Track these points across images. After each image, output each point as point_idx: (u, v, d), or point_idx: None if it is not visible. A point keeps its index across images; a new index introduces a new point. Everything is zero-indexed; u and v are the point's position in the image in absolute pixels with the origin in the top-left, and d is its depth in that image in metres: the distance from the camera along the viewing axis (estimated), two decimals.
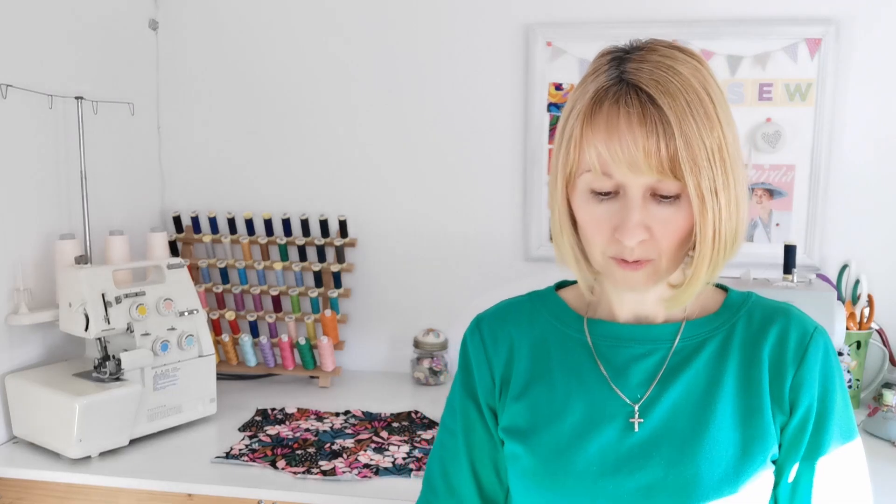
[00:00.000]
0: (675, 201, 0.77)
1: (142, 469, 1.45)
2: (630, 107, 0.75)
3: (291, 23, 2.05)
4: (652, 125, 0.74)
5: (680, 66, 0.76)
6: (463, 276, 2.04)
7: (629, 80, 0.76)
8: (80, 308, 1.53)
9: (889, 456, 1.49)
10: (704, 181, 0.75)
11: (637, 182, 0.76)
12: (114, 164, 1.94)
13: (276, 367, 2.00)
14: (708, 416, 0.81)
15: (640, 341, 0.86)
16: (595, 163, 0.77)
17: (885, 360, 1.82)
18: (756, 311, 0.86)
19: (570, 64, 1.91)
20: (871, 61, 1.79)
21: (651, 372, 0.84)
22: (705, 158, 0.75)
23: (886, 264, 1.83)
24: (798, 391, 0.81)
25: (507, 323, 0.93)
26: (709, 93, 0.77)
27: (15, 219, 1.62)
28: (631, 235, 0.76)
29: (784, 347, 0.83)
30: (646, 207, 0.76)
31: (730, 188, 0.77)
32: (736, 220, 0.79)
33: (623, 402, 0.84)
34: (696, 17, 1.85)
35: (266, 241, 2.05)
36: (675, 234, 0.77)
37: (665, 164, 0.74)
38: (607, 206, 0.78)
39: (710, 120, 0.75)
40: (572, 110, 0.80)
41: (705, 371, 0.83)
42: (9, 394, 1.57)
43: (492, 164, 2.00)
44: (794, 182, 1.85)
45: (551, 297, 0.94)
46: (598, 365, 0.86)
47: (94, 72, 1.86)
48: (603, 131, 0.76)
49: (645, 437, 0.82)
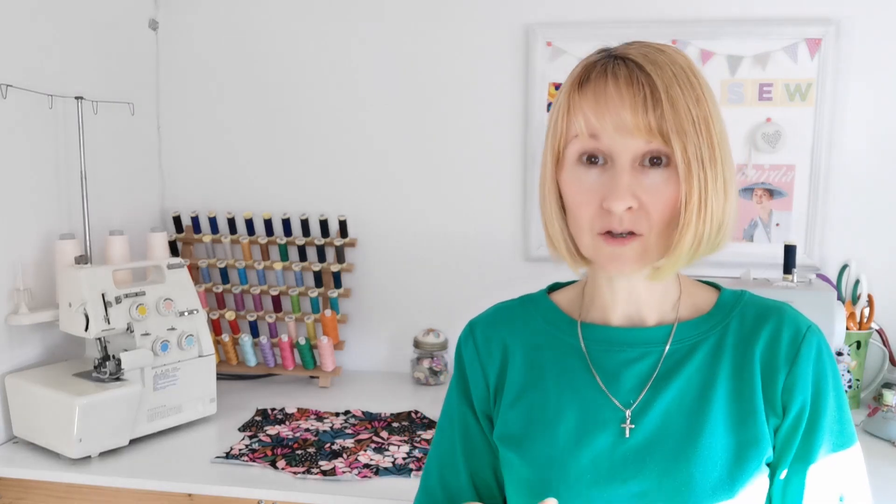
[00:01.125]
0: (664, 170, 0.76)
1: (142, 469, 1.45)
2: (618, 72, 0.76)
3: (291, 23, 2.05)
4: (639, 87, 0.75)
5: (667, 49, 0.79)
6: (463, 276, 2.04)
7: (617, 54, 0.79)
8: (80, 308, 1.53)
9: (889, 456, 1.49)
10: (691, 147, 0.75)
11: (625, 148, 0.76)
12: (114, 164, 1.94)
13: (276, 367, 2.00)
14: (701, 421, 0.80)
15: (632, 345, 0.85)
16: (583, 127, 0.77)
17: (885, 360, 1.82)
18: (749, 310, 0.85)
19: (570, 64, 1.86)
20: (871, 61, 1.79)
21: (643, 377, 0.83)
22: (691, 125, 0.75)
23: (886, 264, 1.83)
24: (790, 392, 0.80)
25: (501, 328, 0.92)
26: (694, 73, 0.78)
27: (15, 219, 1.62)
28: (619, 199, 0.75)
29: (776, 348, 0.81)
30: (634, 176, 0.76)
31: (717, 165, 0.77)
32: (724, 201, 0.78)
33: (615, 408, 0.82)
34: (696, 17, 1.85)
35: (266, 241, 2.05)
36: (664, 204, 0.77)
37: (653, 126, 0.74)
38: (596, 176, 0.78)
39: (696, 93, 0.77)
40: (561, 89, 0.82)
41: (698, 375, 0.82)
42: (9, 394, 1.57)
43: (492, 163, 2.00)
44: (794, 182, 1.85)
45: (543, 301, 0.93)
46: (592, 370, 0.85)
47: (94, 72, 1.86)
48: (591, 97, 0.77)
49: (638, 444, 0.80)
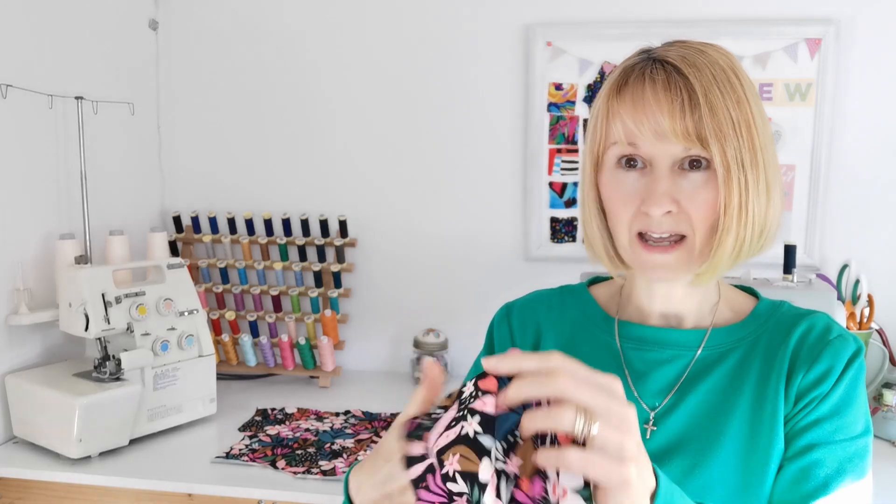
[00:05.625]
0: (703, 173, 0.75)
1: (142, 469, 1.45)
2: (656, 77, 0.75)
3: (291, 23, 2.05)
4: (677, 91, 0.73)
5: (707, 49, 0.77)
6: (463, 277, 2.04)
7: (656, 56, 0.77)
8: (80, 308, 1.53)
9: (889, 456, 1.49)
10: (730, 150, 0.73)
11: (664, 153, 0.74)
12: (114, 164, 1.94)
13: (276, 367, 2.00)
14: (722, 427, 0.79)
15: (664, 346, 0.84)
16: (621, 134, 0.76)
17: (885, 360, 1.82)
18: (785, 319, 0.83)
19: (570, 64, 1.91)
20: (871, 61, 1.79)
21: (671, 380, 0.82)
22: (731, 128, 0.73)
23: (886, 264, 1.83)
24: (807, 386, 0.78)
25: (538, 314, 0.92)
26: (736, 74, 0.76)
27: (15, 219, 1.62)
28: (657, 204, 0.74)
29: (802, 346, 0.80)
30: (673, 180, 0.75)
31: (759, 168, 0.75)
32: (766, 205, 0.76)
33: (640, 409, 0.81)
34: (696, 17, 1.85)
35: (266, 241, 2.05)
36: (704, 207, 0.75)
37: (690, 131, 0.73)
38: (634, 179, 0.76)
39: (737, 95, 0.75)
40: (601, 92, 0.80)
41: (724, 381, 0.81)
42: (9, 394, 1.57)
43: (492, 163, 1.99)
44: (794, 182, 1.85)
45: (583, 294, 0.92)
46: (624, 370, 0.84)
47: (94, 72, 1.86)
48: (629, 102, 0.75)
49: (657, 447, 0.80)
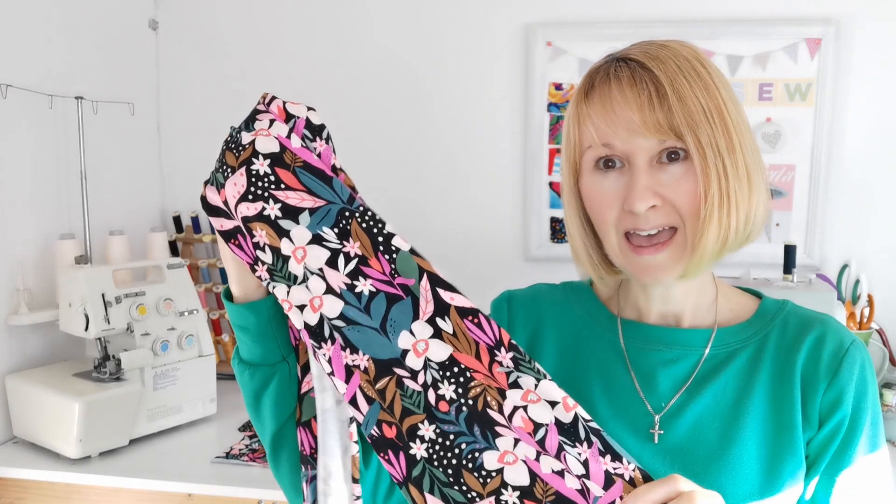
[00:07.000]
0: (682, 164, 0.73)
1: (142, 469, 1.45)
2: (620, 74, 0.75)
3: (290, 22, 2.05)
4: (643, 85, 0.73)
5: (670, 43, 0.77)
6: (463, 276, 2.01)
7: (618, 56, 0.77)
8: (80, 308, 1.53)
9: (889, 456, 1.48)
10: (704, 137, 0.72)
11: (639, 148, 0.73)
12: (114, 164, 1.94)
13: None
14: (735, 430, 0.77)
15: (669, 345, 0.82)
16: (594, 136, 0.75)
17: (885, 360, 1.82)
18: (792, 320, 0.82)
19: (570, 64, 1.91)
20: (871, 61, 1.79)
21: (679, 380, 0.80)
22: (702, 115, 0.72)
23: (886, 264, 1.83)
24: (829, 407, 0.77)
25: (539, 307, 0.90)
26: (702, 63, 0.75)
27: (15, 219, 1.62)
28: (640, 199, 0.73)
29: (818, 360, 0.78)
30: (652, 174, 0.74)
31: (736, 153, 0.73)
32: (748, 189, 0.74)
33: (646, 411, 0.79)
34: (696, 17, 1.85)
35: None
36: (688, 196, 0.73)
37: (662, 122, 0.72)
38: (614, 179, 0.75)
39: (704, 83, 0.74)
40: (570, 101, 0.80)
41: (735, 382, 0.79)
42: (9, 394, 1.57)
43: (492, 163, 1.99)
44: (794, 182, 1.85)
45: (586, 292, 0.90)
46: (630, 371, 0.82)
47: (94, 72, 1.86)
48: (598, 104, 0.75)
49: (666, 450, 0.78)
